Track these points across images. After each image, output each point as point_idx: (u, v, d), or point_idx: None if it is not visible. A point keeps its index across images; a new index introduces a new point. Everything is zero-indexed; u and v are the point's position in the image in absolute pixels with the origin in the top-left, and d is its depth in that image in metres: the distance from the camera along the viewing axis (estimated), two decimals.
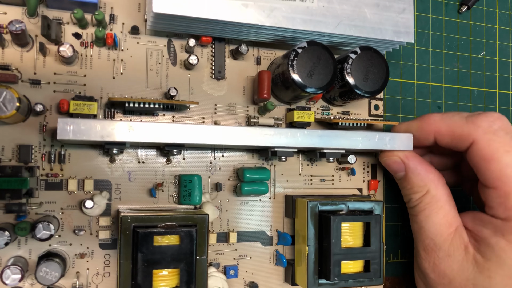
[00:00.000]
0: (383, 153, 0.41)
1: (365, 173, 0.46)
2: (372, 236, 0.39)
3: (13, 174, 0.31)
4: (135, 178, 0.38)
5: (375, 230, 0.39)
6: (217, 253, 0.41)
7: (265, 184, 0.40)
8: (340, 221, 0.38)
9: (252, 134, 0.36)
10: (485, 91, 0.54)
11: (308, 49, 0.38)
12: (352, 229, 0.39)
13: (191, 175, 0.38)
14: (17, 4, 0.36)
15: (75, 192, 0.37)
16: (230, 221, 0.41)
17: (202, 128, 0.35)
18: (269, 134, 0.37)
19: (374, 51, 0.40)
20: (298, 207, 0.40)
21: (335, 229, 0.38)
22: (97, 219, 0.37)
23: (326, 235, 0.38)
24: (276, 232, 0.42)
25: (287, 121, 0.43)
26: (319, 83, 0.38)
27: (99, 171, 0.37)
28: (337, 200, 0.40)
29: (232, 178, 0.41)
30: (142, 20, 0.39)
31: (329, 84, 0.38)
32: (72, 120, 0.32)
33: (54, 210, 0.36)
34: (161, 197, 0.39)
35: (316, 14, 0.38)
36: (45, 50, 0.36)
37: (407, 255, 0.49)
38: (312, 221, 0.39)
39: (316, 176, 0.44)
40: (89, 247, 0.37)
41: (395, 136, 0.40)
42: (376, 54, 0.40)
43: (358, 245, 0.39)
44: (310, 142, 0.37)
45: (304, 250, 0.39)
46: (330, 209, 0.39)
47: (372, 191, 0.46)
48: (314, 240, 0.39)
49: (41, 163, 0.36)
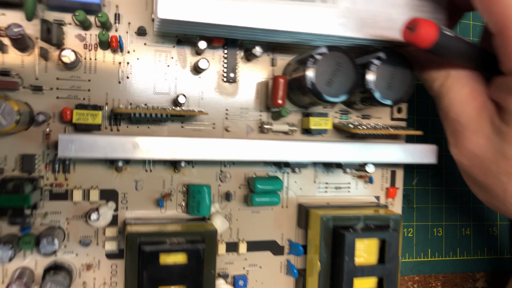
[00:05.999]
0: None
1: (384, 180, 0.43)
2: (388, 253, 0.37)
3: (15, 189, 0.30)
4: (142, 187, 0.37)
5: (392, 247, 0.37)
6: (226, 263, 0.40)
7: (277, 195, 0.38)
8: (354, 238, 0.36)
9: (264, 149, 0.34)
10: None
11: (327, 55, 0.35)
12: (367, 246, 0.37)
13: (200, 186, 0.37)
14: (16, 5, 0.33)
15: (81, 202, 0.36)
16: (240, 230, 0.40)
17: (211, 142, 0.33)
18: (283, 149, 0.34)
19: (399, 55, 0.36)
20: (311, 218, 0.39)
21: (349, 246, 0.36)
22: (104, 230, 0.36)
23: (339, 252, 0.36)
24: (287, 241, 0.41)
25: (302, 126, 0.40)
26: (338, 92, 0.35)
27: (105, 180, 0.36)
28: (352, 212, 0.38)
29: (243, 186, 0.39)
30: (150, 19, 0.36)
31: (349, 94, 0.35)
32: (74, 137, 0.30)
33: (59, 220, 0.35)
34: (169, 206, 0.38)
35: (338, 16, 0.35)
36: (46, 55, 0.34)
37: (407, 255, 0.49)
38: (325, 236, 0.37)
39: (332, 184, 0.42)
40: (96, 257, 0.36)
41: (418, 148, 0.37)
42: (401, 59, 0.36)
43: (373, 262, 0.38)
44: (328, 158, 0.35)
45: (316, 262, 0.38)
46: (345, 225, 0.37)
47: (390, 199, 0.44)
48: (326, 255, 0.37)
49: (45, 173, 0.35)
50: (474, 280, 0.53)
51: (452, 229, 0.52)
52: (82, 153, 0.30)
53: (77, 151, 0.30)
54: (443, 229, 0.52)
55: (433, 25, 0.30)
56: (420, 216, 0.51)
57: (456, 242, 0.52)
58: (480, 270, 0.53)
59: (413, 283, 0.51)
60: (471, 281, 0.53)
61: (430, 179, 0.51)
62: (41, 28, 0.32)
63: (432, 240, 0.51)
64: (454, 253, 0.52)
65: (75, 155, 0.30)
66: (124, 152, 0.31)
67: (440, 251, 0.52)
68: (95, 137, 0.31)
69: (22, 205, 0.30)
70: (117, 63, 0.36)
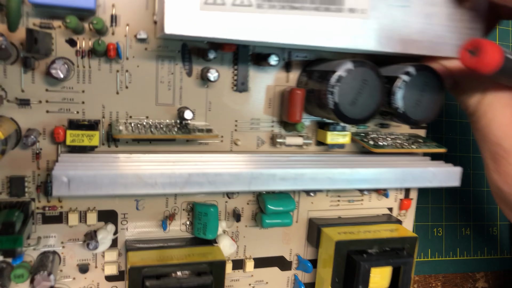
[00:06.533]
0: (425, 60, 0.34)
1: (397, 191, 0.41)
2: (402, 279, 0.36)
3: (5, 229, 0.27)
4: (144, 206, 0.34)
5: (406, 274, 0.35)
6: (232, 280, 0.38)
7: (289, 216, 0.36)
8: (370, 267, 0.34)
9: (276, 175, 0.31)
10: None
11: (353, 72, 0.31)
12: (381, 272, 0.35)
13: (206, 206, 0.34)
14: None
15: (77, 225, 0.33)
16: (248, 247, 0.37)
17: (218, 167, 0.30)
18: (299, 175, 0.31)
19: (430, 70, 0.33)
20: (323, 238, 0.37)
21: (363, 275, 0.34)
22: (103, 253, 0.34)
23: (353, 279, 0.35)
24: (296, 256, 0.39)
25: (317, 138, 0.37)
26: (362, 113, 0.32)
27: (103, 200, 0.33)
28: (365, 229, 0.36)
29: (251, 202, 0.37)
30: (151, 20, 0.31)
31: (374, 114, 0.32)
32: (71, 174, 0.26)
33: (53, 244, 0.32)
34: (173, 224, 0.35)
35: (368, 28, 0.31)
36: (32, 65, 0.29)
37: None
38: (339, 261, 0.35)
39: (345, 197, 0.39)
40: (94, 280, 0.34)
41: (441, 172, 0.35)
42: (433, 74, 0.33)
43: (385, 286, 0.36)
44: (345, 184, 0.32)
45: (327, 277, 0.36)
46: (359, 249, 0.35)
47: (403, 210, 0.42)
48: (338, 280, 0.36)
49: (37, 195, 0.31)
50: (474, 280, 0.53)
51: (452, 229, 0.51)
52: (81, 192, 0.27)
53: (73, 190, 0.26)
54: (443, 229, 0.51)
55: (498, 49, 0.26)
56: (420, 216, 0.50)
57: (456, 242, 0.52)
58: (480, 270, 0.53)
59: (413, 283, 0.50)
60: (471, 281, 0.53)
61: None
62: (27, 39, 0.27)
63: (432, 240, 0.50)
64: (454, 253, 0.52)
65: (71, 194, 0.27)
66: (127, 188, 0.27)
67: (440, 251, 0.51)
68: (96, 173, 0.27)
69: (14, 247, 0.27)
70: (114, 71, 0.31)
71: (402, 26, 0.31)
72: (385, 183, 0.33)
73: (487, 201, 0.52)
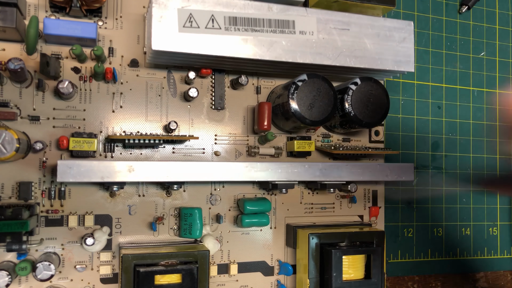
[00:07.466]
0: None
1: (366, 200, 0.46)
2: (373, 268, 0.39)
3: (14, 216, 0.31)
4: (136, 211, 0.38)
5: (376, 262, 0.39)
6: (218, 285, 0.40)
7: (266, 216, 0.40)
8: (341, 255, 0.38)
9: (251, 169, 0.36)
10: (485, 91, 0.53)
11: (308, 82, 0.38)
12: (353, 261, 0.39)
13: (191, 208, 0.38)
14: (16, 41, 0.35)
15: (76, 228, 0.37)
16: (231, 252, 0.41)
17: (202, 165, 0.35)
18: (270, 169, 0.36)
19: (374, 81, 0.40)
20: (299, 238, 0.40)
21: (336, 262, 0.38)
22: (98, 254, 0.37)
23: (327, 268, 0.38)
24: (277, 261, 0.42)
25: (287, 149, 0.43)
26: (319, 115, 0.38)
27: (99, 205, 0.37)
28: (337, 230, 0.40)
29: (233, 208, 0.41)
30: (141, 52, 0.39)
31: (330, 116, 0.38)
32: (72, 163, 0.32)
33: (54, 246, 0.36)
34: (162, 229, 0.39)
35: (316, 46, 0.38)
36: (44, 87, 0.36)
37: (407, 255, 0.49)
38: (313, 254, 0.39)
39: (317, 204, 0.44)
40: (90, 282, 0.37)
41: (395, 166, 0.40)
42: (376, 84, 0.40)
43: (359, 277, 0.39)
44: (311, 176, 0.37)
45: (306, 282, 0.39)
46: (332, 242, 0.39)
47: (373, 217, 0.46)
48: (315, 273, 0.39)
49: (41, 199, 0.36)
50: (474, 280, 0.53)
51: (451, 229, 0.52)
52: (80, 178, 0.32)
53: (75, 176, 0.31)
54: (443, 229, 0.52)
55: None
56: (420, 216, 0.51)
57: (456, 242, 0.52)
58: (480, 270, 0.53)
59: (413, 283, 0.51)
60: (471, 281, 0.53)
61: (430, 179, 0.52)
62: (40, 62, 0.34)
63: (432, 240, 0.51)
64: (454, 253, 0.52)
65: (73, 180, 0.31)
66: (121, 175, 0.32)
67: (440, 251, 0.51)
68: (92, 162, 0.32)
69: (21, 230, 0.31)
70: (111, 93, 0.38)
71: (345, 44, 0.39)
72: (345, 177, 0.38)
73: (487, 201, 0.53)
